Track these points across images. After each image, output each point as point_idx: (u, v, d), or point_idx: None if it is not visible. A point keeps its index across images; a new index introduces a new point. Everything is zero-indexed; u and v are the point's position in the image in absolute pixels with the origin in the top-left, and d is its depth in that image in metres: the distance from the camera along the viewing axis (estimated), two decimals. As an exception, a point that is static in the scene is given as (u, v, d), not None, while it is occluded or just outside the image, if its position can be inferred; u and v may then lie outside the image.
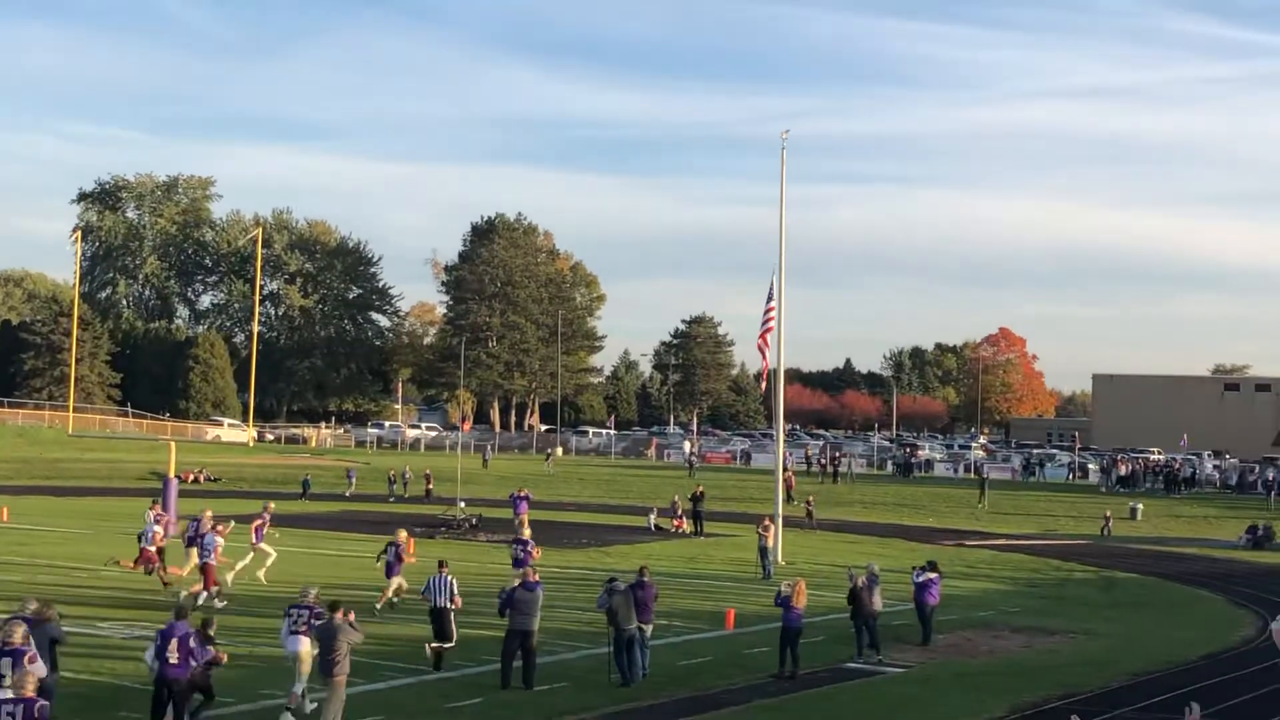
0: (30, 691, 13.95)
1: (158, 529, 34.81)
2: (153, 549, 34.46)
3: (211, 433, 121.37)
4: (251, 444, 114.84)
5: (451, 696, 23.17)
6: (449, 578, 26.53)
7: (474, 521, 52.25)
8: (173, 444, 55.48)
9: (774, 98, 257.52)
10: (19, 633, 16.67)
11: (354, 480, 70.42)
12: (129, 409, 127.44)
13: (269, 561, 35.58)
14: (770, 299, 45.33)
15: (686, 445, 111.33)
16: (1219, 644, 32.36)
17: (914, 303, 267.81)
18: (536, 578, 25.47)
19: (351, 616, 20.11)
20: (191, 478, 70.82)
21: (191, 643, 18.59)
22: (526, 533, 36.82)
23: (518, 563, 32.59)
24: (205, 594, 31.45)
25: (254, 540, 35.76)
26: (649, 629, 25.81)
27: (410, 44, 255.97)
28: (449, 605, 25.94)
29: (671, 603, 32.70)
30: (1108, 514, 60.44)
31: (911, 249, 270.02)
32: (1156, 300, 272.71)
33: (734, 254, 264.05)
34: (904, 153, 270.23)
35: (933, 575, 30.65)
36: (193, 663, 18.45)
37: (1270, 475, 77.36)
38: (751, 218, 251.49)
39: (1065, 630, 33.01)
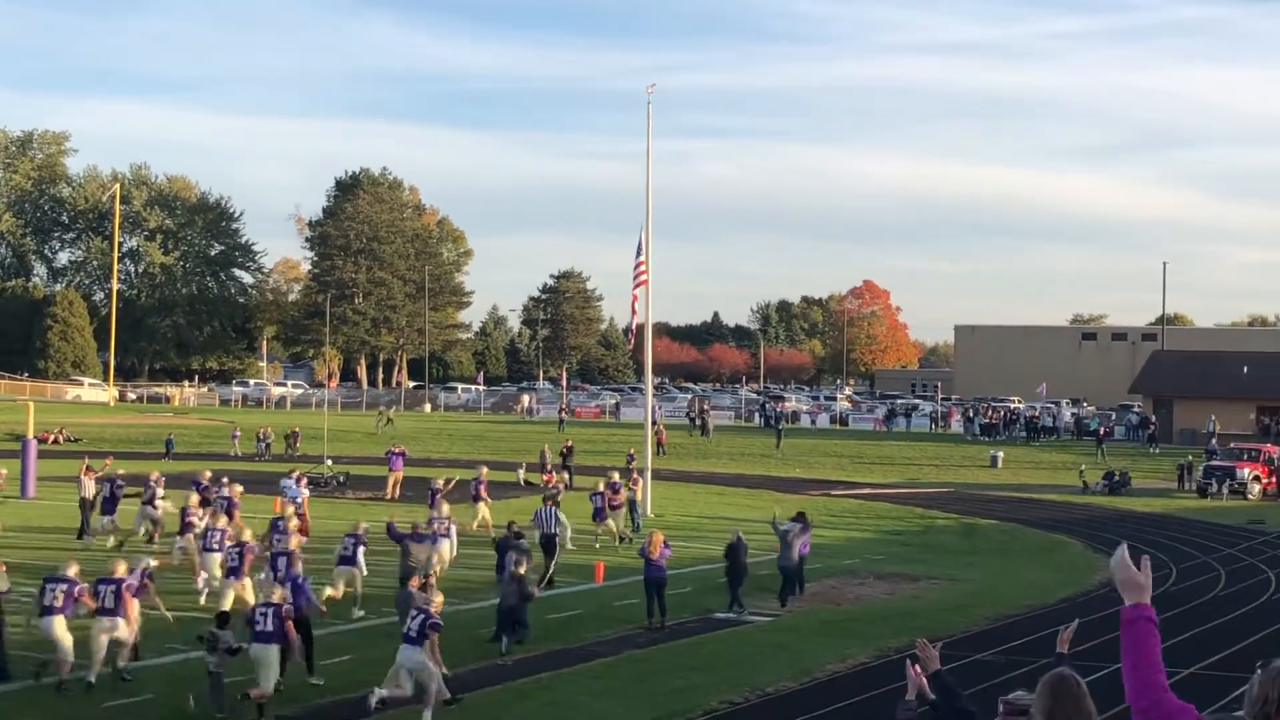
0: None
1: (305, 492, 36.50)
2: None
3: (71, 392, 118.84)
4: (113, 403, 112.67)
5: (320, 655, 23.03)
6: (555, 510, 31.44)
7: (341, 479, 51.91)
8: (31, 404, 54.27)
9: (639, 51, 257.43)
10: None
11: (239, 440, 69.21)
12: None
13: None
14: (640, 253, 45.43)
15: (525, 399, 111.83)
16: (1077, 587, 33.21)
17: (780, 256, 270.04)
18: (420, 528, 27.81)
19: (416, 583, 21.44)
20: (51, 438, 69.38)
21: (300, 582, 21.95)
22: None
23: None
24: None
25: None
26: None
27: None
28: (555, 532, 30.99)
29: (542, 557, 32.77)
30: (1083, 467, 60.61)
31: (778, 203, 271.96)
32: (1017, 252, 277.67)
33: (602, 209, 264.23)
34: (769, 107, 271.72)
35: (797, 526, 31.06)
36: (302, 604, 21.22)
37: (1097, 425, 78.95)
38: (619, 172, 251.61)
39: (928, 576, 33.69)
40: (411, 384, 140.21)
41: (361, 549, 26.84)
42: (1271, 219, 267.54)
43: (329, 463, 54.88)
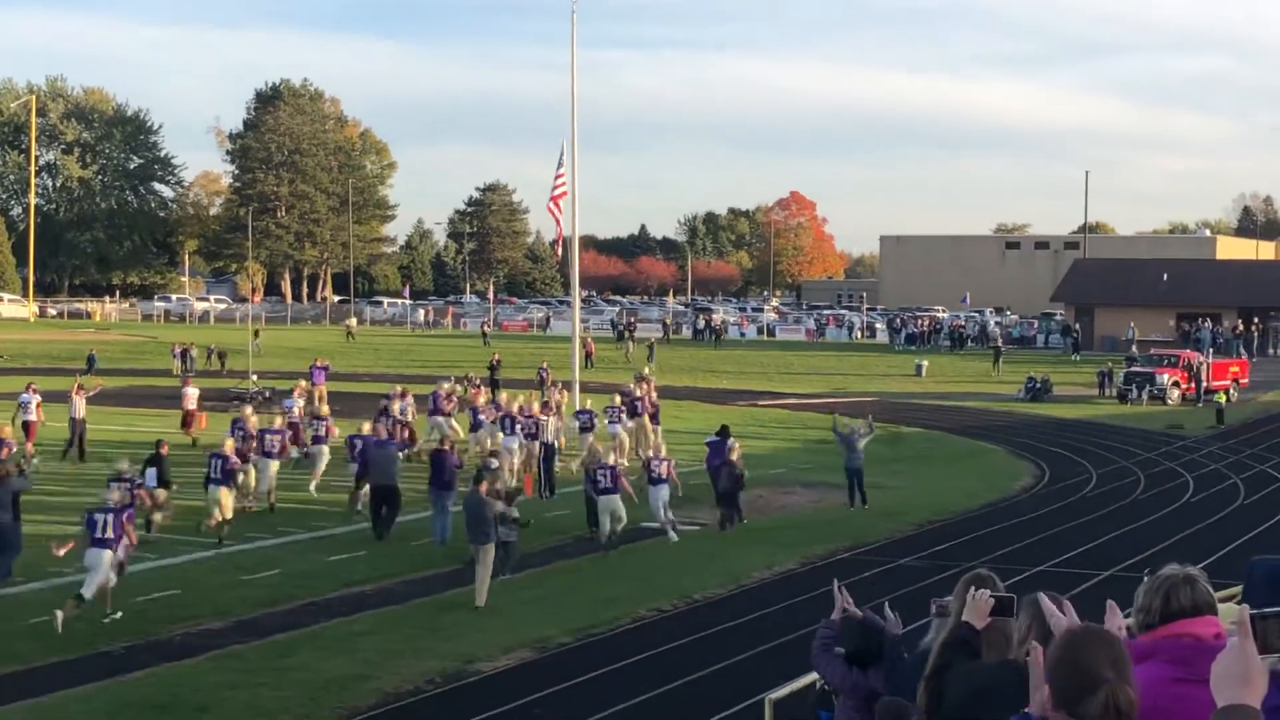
0: None
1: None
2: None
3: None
4: (33, 319, 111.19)
5: (248, 569, 23.06)
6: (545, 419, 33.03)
7: (266, 395, 51.59)
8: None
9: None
10: None
11: (180, 358, 68.15)
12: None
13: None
14: (560, 165, 45.02)
15: (421, 312, 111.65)
16: (1000, 493, 33.69)
17: (707, 168, 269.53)
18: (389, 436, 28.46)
19: (486, 488, 22.16)
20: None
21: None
22: (324, 410, 37.14)
23: (316, 439, 32.39)
24: None
25: None
26: (452, 496, 25.99)
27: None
28: (551, 441, 32.42)
29: (471, 470, 32.78)
30: (1032, 374, 60.07)
31: (705, 114, 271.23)
32: (941, 162, 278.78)
33: (527, 120, 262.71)
34: (695, 17, 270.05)
35: (716, 439, 31.18)
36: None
37: (996, 334, 79.74)
38: (544, 83, 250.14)
39: (855, 485, 33.87)
40: (336, 298, 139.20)
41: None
42: (1191, 126, 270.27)
43: (253, 378, 54.52)
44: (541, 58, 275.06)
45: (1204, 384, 55.59)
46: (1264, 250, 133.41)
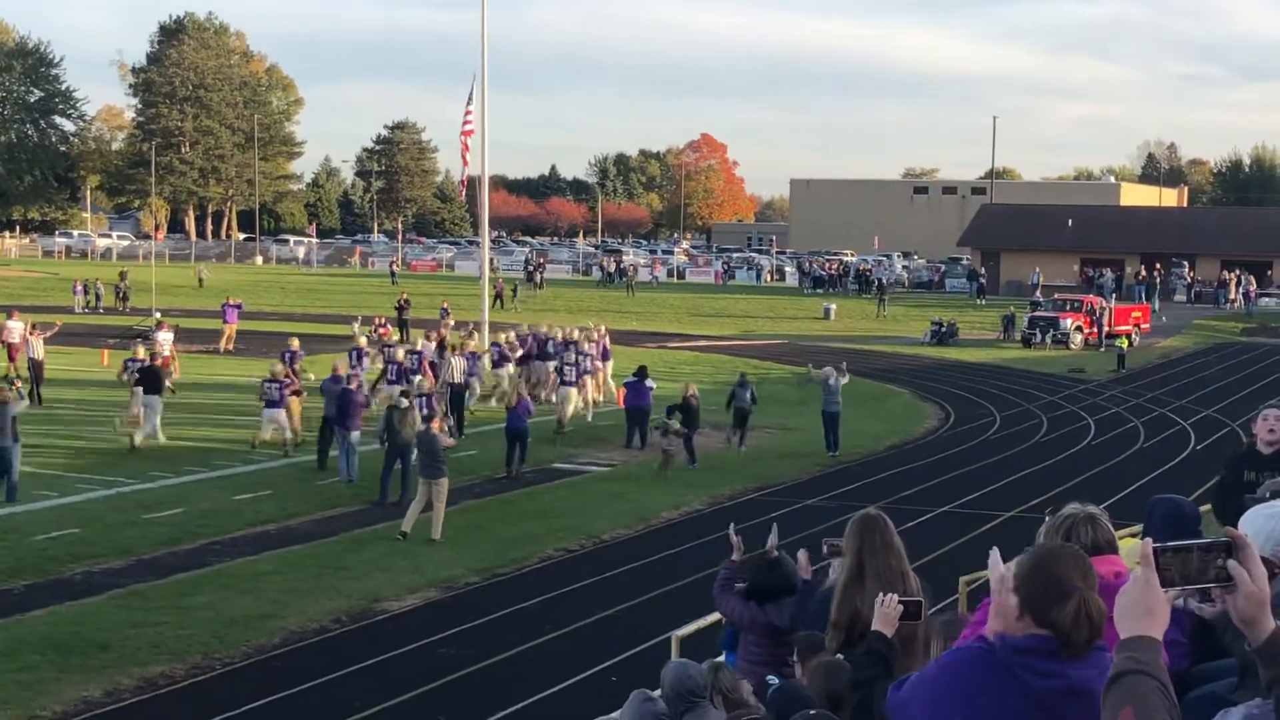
0: None
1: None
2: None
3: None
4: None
5: (151, 507, 22.79)
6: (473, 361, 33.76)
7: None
8: None
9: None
10: None
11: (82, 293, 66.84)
12: None
13: None
14: (470, 101, 44.64)
15: (301, 250, 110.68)
16: (905, 435, 34.07)
17: (619, 109, 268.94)
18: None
19: (439, 425, 22.67)
20: None
21: None
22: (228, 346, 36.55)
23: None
24: None
25: None
26: (356, 435, 25.81)
27: None
28: (464, 382, 32.44)
29: (378, 409, 32.57)
30: (938, 318, 60.21)
31: (616, 54, 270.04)
32: (852, 107, 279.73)
33: (438, 57, 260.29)
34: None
35: (634, 379, 31.24)
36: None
37: (882, 278, 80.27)
38: (454, 20, 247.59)
39: (763, 426, 34.08)
40: (242, 236, 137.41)
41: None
42: (1097, 73, 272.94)
43: (157, 315, 53.77)
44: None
45: (1106, 329, 56.37)
46: (1167, 197, 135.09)
